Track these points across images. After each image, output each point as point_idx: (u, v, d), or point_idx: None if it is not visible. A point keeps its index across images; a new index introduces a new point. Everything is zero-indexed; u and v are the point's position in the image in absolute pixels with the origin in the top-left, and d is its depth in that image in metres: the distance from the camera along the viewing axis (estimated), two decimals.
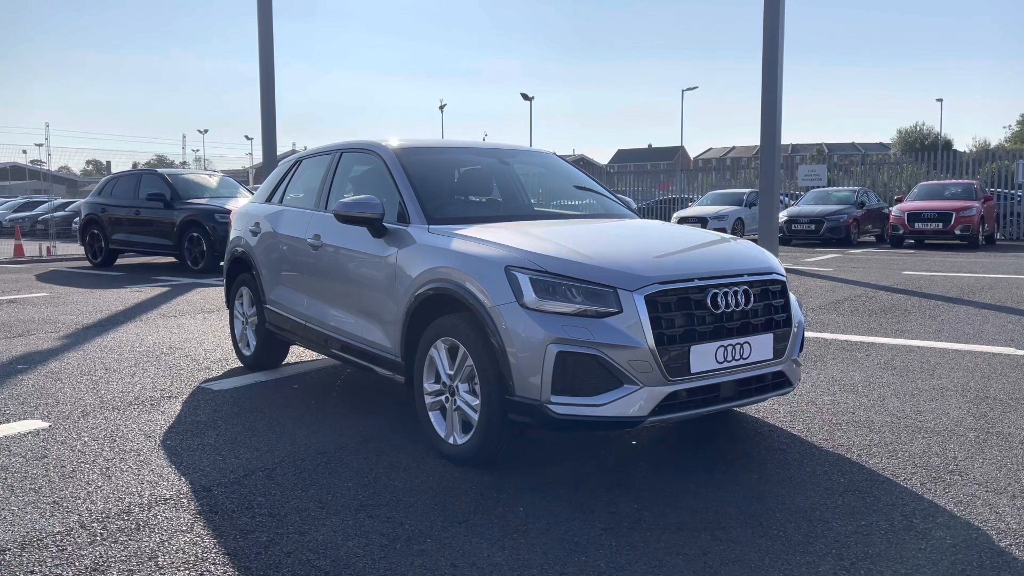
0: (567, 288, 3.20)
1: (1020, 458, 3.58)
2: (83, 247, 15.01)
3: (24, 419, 4.35)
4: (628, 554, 2.68)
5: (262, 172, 20.78)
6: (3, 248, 18.82)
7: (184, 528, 2.91)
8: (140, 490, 3.29)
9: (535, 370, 3.15)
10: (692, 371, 3.20)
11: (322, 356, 5.46)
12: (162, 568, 2.60)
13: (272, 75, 16.10)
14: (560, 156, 5.51)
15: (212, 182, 14.57)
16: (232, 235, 5.87)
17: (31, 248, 17.89)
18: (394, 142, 4.61)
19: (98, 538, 2.82)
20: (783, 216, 18.75)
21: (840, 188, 21.89)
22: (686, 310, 3.23)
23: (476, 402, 3.43)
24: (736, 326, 3.34)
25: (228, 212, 11.58)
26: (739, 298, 3.36)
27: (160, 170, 14.83)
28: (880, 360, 5.63)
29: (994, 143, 58.44)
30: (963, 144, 73.40)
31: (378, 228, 4.07)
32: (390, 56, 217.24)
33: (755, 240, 11.70)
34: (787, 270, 5.85)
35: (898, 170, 25.89)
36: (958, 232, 16.94)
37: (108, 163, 72.78)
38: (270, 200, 5.58)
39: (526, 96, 50.99)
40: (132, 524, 2.94)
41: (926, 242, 17.90)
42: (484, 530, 2.88)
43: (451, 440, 3.58)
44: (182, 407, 4.60)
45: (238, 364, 5.75)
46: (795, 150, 71.42)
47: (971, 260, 13.94)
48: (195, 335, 6.98)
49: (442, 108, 62.33)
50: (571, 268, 3.26)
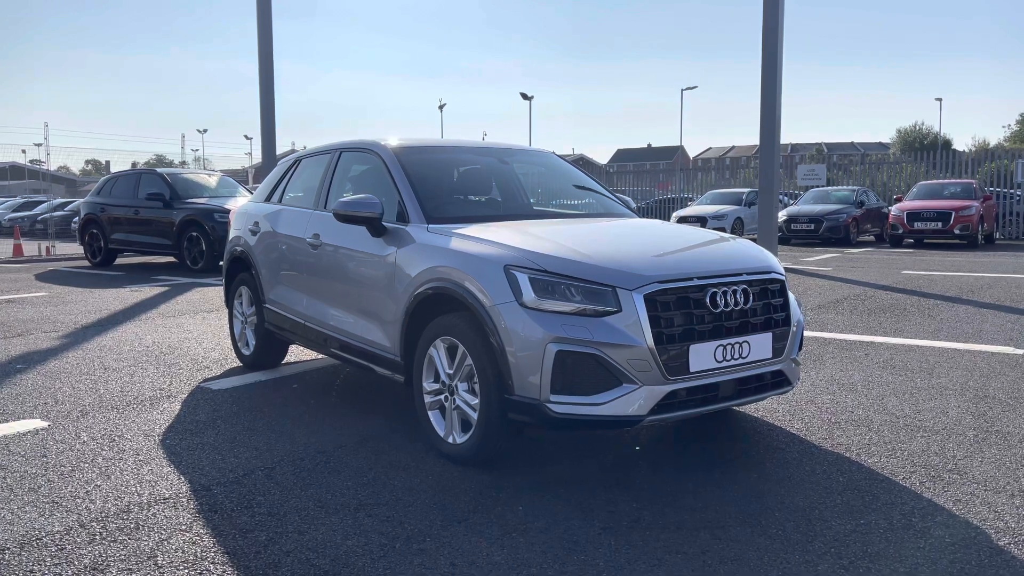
0: (566, 287, 3.20)
1: (1019, 457, 3.58)
2: (82, 247, 15.00)
3: (23, 418, 4.35)
4: (627, 553, 2.68)
5: (261, 172, 20.78)
6: (2, 248, 18.81)
7: (183, 527, 2.91)
8: (139, 489, 3.29)
9: (534, 369, 3.15)
10: (691, 370, 3.20)
11: (321, 356, 5.46)
12: (161, 567, 2.60)
13: (271, 75, 16.09)
14: (559, 155, 5.51)
15: (211, 182, 14.56)
16: (231, 234, 5.87)
17: (30, 248, 17.88)
18: (393, 141, 4.61)
19: (97, 537, 2.82)
20: (782, 215, 18.76)
21: (839, 188, 21.90)
22: (685, 309, 3.23)
23: (475, 401, 3.43)
24: (735, 325, 3.35)
25: (227, 212, 11.57)
26: (738, 297, 3.37)
27: (159, 170, 14.83)
28: (879, 359, 5.64)
29: (993, 142, 58.46)
30: (962, 144, 73.48)
31: (377, 227, 4.07)
32: (390, 56, 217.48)
33: (754, 239, 11.70)
34: (786, 269, 5.85)
35: (897, 169, 25.90)
36: (957, 231, 16.95)
37: (107, 163, 72.86)
38: (269, 199, 5.58)
39: (525, 96, 50.95)
40: (131, 523, 2.94)
41: (925, 241, 17.90)
42: (483, 529, 2.88)
43: (450, 439, 3.58)
44: (181, 406, 4.60)
45: (237, 363, 5.75)
46: (794, 149, 71.46)
47: (970, 259, 13.95)
48: (194, 335, 6.98)
49: (441, 108, 62.38)
50: (570, 267, 3.26)
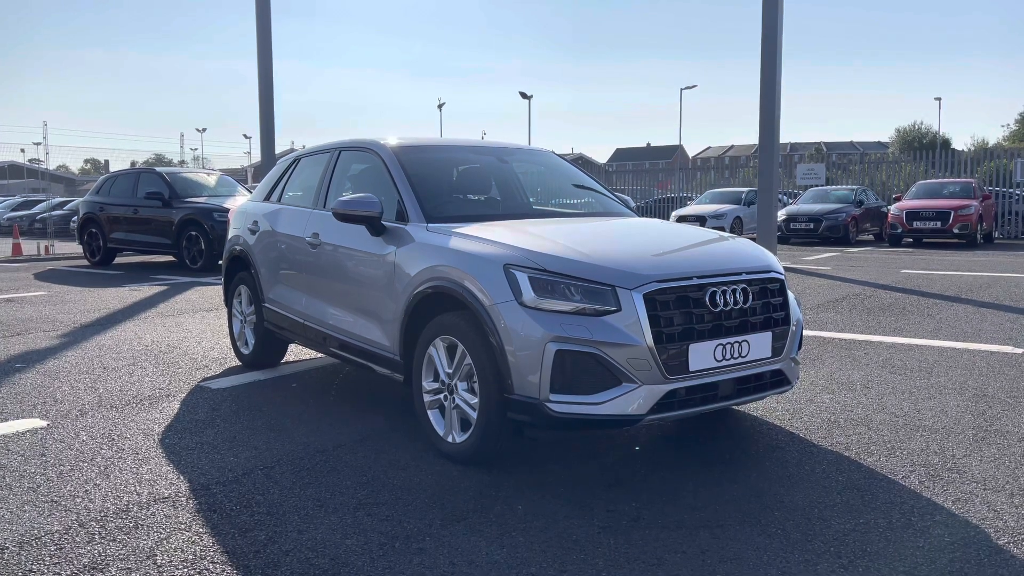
0: (566, 286, 3.20)
1: (1018, 456, 3.59)
2: (81, 246, 14.99)
3: (22, 418, 4.35)
4: (627, 552, 2.68)
5: (260, 171, 20.78)
6: (1, 247, 18.79)
7: (183, 527, 2.91)
8: (139, 489, 3.29)
9: (534, 368, 3.15)
10: (691, 369, 3.20)
11: (321, 355, 5.46)
12: (160, 566, 2.60)
13: (271, 74, 16.08)
14: (559, 155, 5.51)
15: (210, 181, 14.55)
16: (230, 234, 5.87)
17: (29, 247, 17.85)
18: (392, 140, 4.61)
19: (96, 537, 2.82)
20: (782, 215, 18.75)
21: (839, 187, 21.90)
22: (685, 308, 3.23)
23: (475, 400, 3.43)
24: (735, 324, 3.35)
25: (226, 211, 11.58)
26: (737, 296, 3.37)
27: (158, 169, 14.81)
28: (879, 358, 5.64)
29: (992, 142, 58.43)
30: (961, 143, 73.56)
31: (377, 226, 4.07)
32: (389, 55, 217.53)
33: (754, 239, 11.70)
34: (786, 269, 5.85)
35: (896, 169, 25.90)
36: (956, 231, 16.95)
37: (106, 162, 72.91)
38: (268, 199, 5.57)
39: (524, 95, 50.90)
40: (130, 523, 2.94)
41: (924, 241, 17.91)
42: (483, 528, 2.88)
43: (450, 439, 3.58)
44: (180, 406, 4.60)
45: (236, 363, 5.74)
46: (794, 149, 71.49)
47: (969, 259, 13.96)
48: (193, 334, 6.98)
49: (441, 107, 62.36)
50: (570, 266, 3.26)
